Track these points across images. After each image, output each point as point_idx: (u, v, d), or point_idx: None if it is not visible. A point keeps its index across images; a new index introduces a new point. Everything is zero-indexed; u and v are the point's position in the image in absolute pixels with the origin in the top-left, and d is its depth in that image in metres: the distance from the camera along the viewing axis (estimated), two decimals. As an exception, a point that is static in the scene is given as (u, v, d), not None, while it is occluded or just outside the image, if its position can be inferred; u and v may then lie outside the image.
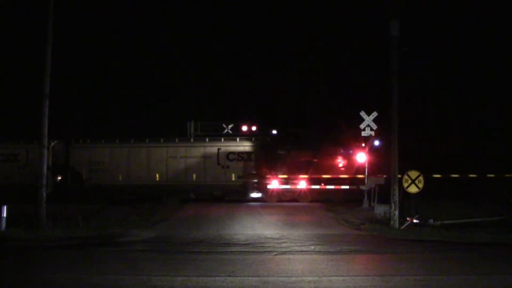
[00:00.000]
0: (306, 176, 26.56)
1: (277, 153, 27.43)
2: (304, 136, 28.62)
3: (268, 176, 26.75)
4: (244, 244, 13.54)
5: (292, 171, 26.78)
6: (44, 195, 15.96)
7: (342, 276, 9.38)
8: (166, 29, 53.60)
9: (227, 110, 38.96)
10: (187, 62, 49.89)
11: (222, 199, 28.44)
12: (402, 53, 17.31)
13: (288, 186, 26.80)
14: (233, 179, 28.14)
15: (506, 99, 36.62)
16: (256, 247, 12.89)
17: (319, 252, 12.27)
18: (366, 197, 23.54)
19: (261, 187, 27.07)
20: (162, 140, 28.96)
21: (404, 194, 17.33)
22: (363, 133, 23.86)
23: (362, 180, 24.58)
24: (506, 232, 15.12)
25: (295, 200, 26.62)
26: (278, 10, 56.14)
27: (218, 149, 28.44)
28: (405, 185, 17.03)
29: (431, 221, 17.13)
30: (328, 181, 26.62)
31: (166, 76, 48.37)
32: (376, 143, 23.46)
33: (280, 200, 26.66)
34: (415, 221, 16.89)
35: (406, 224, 16.86)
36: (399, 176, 17.41)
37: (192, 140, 29.66)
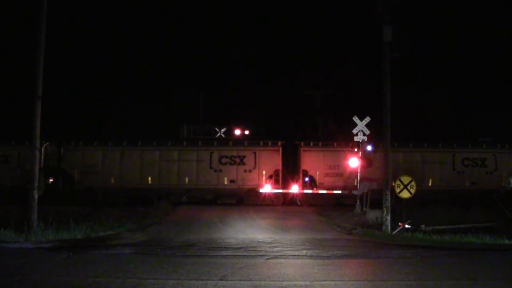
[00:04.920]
0: None
1: None
2: None
3: None
4: (236, 248, 13.51)
5: None
6: (36, 197, 15.84)
7: (334, 280, 9.38)
8: (160, 31, 53.59)
9: (220, 114, 39.01)
10: (181, 65, 49.92)
11: (214, 202, 28.41)
12: (395, 58, 17.41)
13: None
14: (226, 183, 28.12)
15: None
16: (248, 251, 12.86)
17: (311, 256, 12.26)
18: (358, 202, 23.59)
19: None
20: (155, 143, 28.87)
21: (396, 199, 17.38)
22: (356, 138, 23.98)
23: None
24: (496, 238, 15.19)
25: None
26: (272, 15, 56.30)
27: (211, 152, 28.40)
28: (397, 190, 17.07)
29: (422, 226, 17.20)
30: None
31: (160, 78, 48.41)
32: (369, 148, 23.52)
33: None
34: (407, 226, 16.93)
35: (398, 229, 16.90)
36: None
37: (185, 143, 29.60)
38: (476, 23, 48.79)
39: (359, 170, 24.32)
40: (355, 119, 23.99)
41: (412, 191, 17.01)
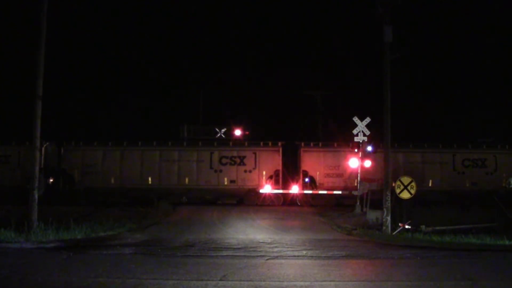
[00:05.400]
0: None
1: None
2: None
3: None
4: (236, 248, 13.51)
5: None
6: (36, 197, 15.84)
7: (334, 281, 9.38)
8: (160, 31, 53.58)
9: (220, 115, 39.01)
10: (181, 65, 49.92)
11: (214, 203, 28.41)
12: (395, 59, 17.41)
13: None
14: (226, 183, 28.13)
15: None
16: (248, 252, 12.86)
17: (311, 257, 12.26)
18: (358, 203, 23.59)
19: None
20: (155, 143, 28.87)
21: (396, 200, 17.37)
22: (356, 139, 24.01)
23: None
24: (497, 239, 15.18)
25: None
26: (272, 15, 56.32)
27: (211, 153, 28.40)
28: (398, 190, 17.06)
29: (423, 227, 17.17)
30: None
31: (160, 78, 48.40)
32: (369, 148, 23.53)
33: None
34: (407, 226, 16.92)
35: (398, 230, 16.89)
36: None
37: (185, 144, 29.60)
38: (476, 23, 48.81)
39: (359, 171, 24.32)
40: (356, 119, 24.03)
41: (412, 191, 17.00)
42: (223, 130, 31.41)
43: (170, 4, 58.96)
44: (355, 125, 24.06)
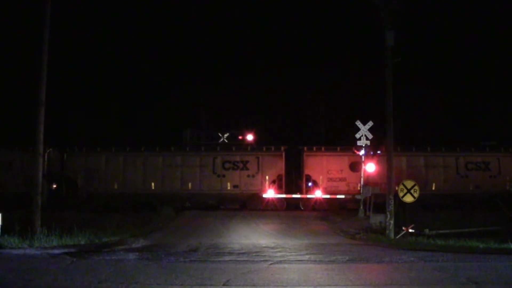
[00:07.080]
0: None
1: None
2: None
3: None
4: (239, 253, 13.50)
5: None
6: (39, 203, 15.86)
7: (337, 285, 9.36)
8: (163, 36, 53.74)
9: (223, 120, 39.03)
10: (184, 71, 50.05)
11: (217, 207, 28.40)
12: (397, 62, 17.42)
13: None
14: (229, 188, 28.12)
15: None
16: (251, 256, 12.85)
17: (314, 261, 12.25)
18: (361, 207, 23.55)
19: None
20: (158, 148, 28.90)
21: (400, 203, 17.34)
22: (359, 143, 23.98)
23: None
24: (501, 242, 15.11)
25: None
26: (274, 20, 56.46)
27: (214, 158, 28.41)
28: (401, 194, 17.03)
29: (426, 230, 17.12)
30: None
31: (163, 84, 48.48)
32: (372, 152, 23.51)
33: None
34: (410, 230, 16.88)
35: (401, 234, 16.85)
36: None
37: (188, 149, 29.62)
38: (479, 26, 48.73)
39: (362, 175, 24.29)
40: (358, 123, 24.01)
41: (416, 195, 16.98)
42: (226, 135, 31.47)
43: (173, 10, 59.17)
44: (358, 129, 24.04)
